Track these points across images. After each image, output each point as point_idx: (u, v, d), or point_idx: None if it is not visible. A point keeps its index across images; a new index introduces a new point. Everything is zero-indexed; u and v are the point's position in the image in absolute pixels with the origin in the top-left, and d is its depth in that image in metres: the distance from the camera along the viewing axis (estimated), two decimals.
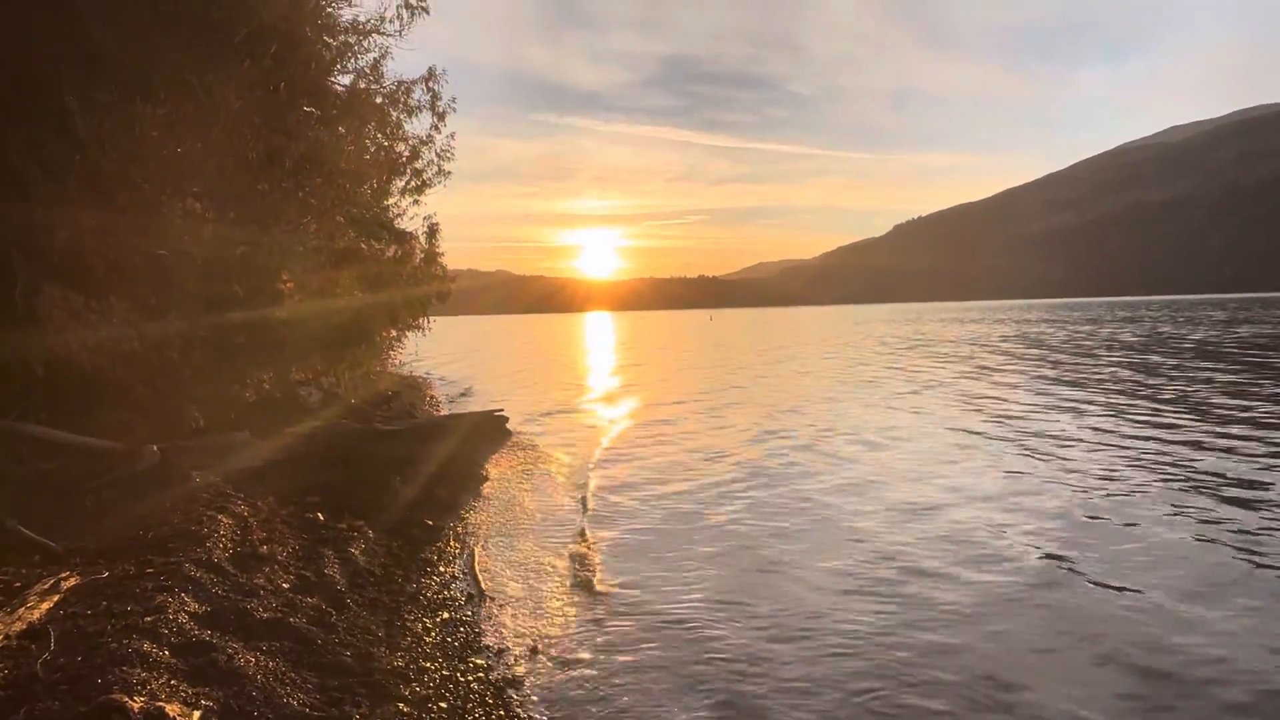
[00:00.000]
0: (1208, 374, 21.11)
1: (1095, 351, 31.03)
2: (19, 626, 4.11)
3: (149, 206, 9.64)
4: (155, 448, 7.98)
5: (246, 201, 11.01)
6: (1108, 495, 8.92)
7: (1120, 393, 17.88)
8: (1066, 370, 23.97)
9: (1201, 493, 8.86)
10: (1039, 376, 22.53)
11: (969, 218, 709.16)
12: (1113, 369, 23.67)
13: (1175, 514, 8.08)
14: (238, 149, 10.70)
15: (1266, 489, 8.98)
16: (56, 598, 4.54)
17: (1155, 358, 27.06)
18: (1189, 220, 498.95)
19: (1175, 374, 21.41)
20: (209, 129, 10.18)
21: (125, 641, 3.96)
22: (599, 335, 77.82)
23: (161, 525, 6.19)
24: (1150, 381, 20.03)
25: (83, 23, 9.18)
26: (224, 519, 6.50)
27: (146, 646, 3.94)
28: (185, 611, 4.49)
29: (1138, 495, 8.86)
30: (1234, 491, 8.93)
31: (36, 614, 4.28)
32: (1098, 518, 8.02)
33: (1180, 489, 9.09)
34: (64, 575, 4.87)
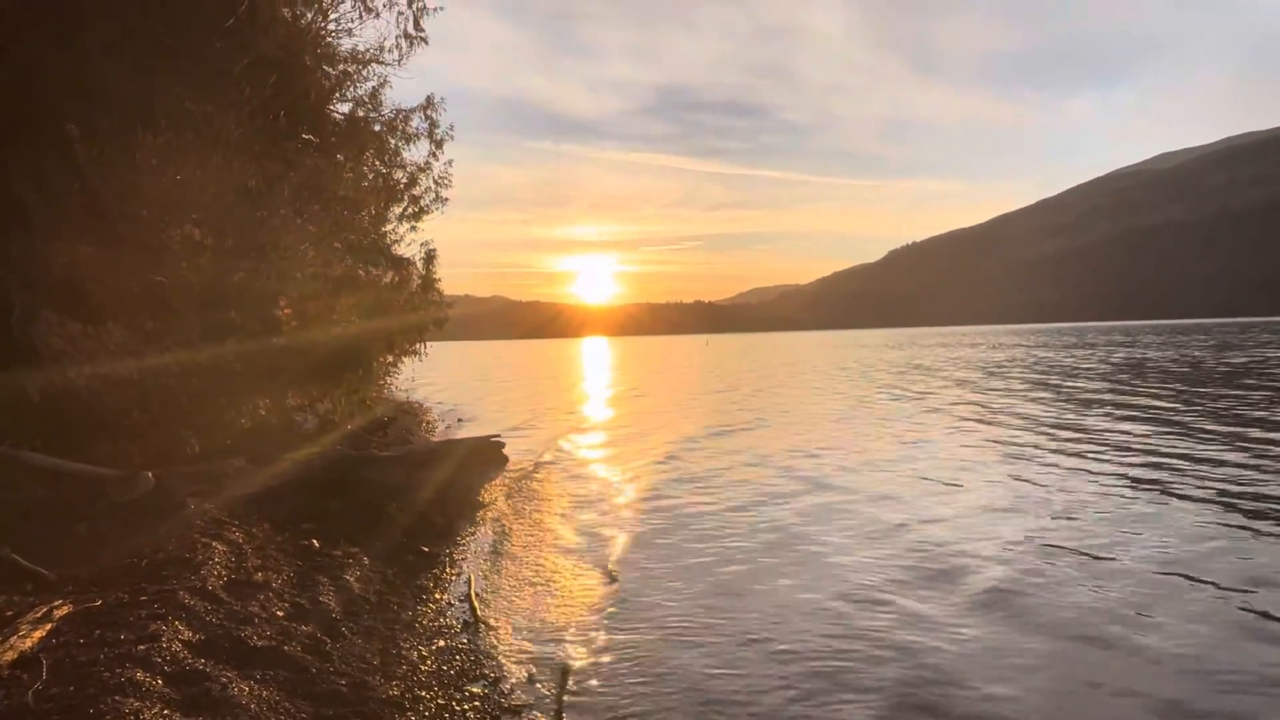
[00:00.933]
0: (1145, 400, 21.37)
1: (1042, 377, 31.52)
2: (10, 656, 4.07)
3: (148, 233, 9.69)
4: (150, 474, 7.94)
5: (245, 228, 11.08)
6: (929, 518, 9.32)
7: (1031, 421, 17.87)
8: (998, 396, 24.30)
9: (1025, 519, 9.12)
10: (963, 403, 22.80)
11: (963, 243, 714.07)
12: (1049, 394, 23.96)
13: (962, 538, 8.37)
14: (237, 176, 10.79)
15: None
16: (49, 626, 4.51)
17: (1096, 384, 27.35)
18: (1180, 246, 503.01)
19: (1103, 400, 21.66)
20: (208, 157, 10.28)
21: (118, 670, 3.93)
22: (596, 361, 77.84)
23: (156, 552, 6.15)
24: (1067, 409, 20.18)
25: (86, 53, 9.29)
26: (219, 546, 6.47)
27: (139, 675, 3.91)
28: (179, 640, 4.46)
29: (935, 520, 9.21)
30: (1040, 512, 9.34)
31: (29, 643, 4.25)
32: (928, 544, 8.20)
33: (990, 515, 9.38)
34: (57, 603, 4.83)
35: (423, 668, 5.16)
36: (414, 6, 14.63)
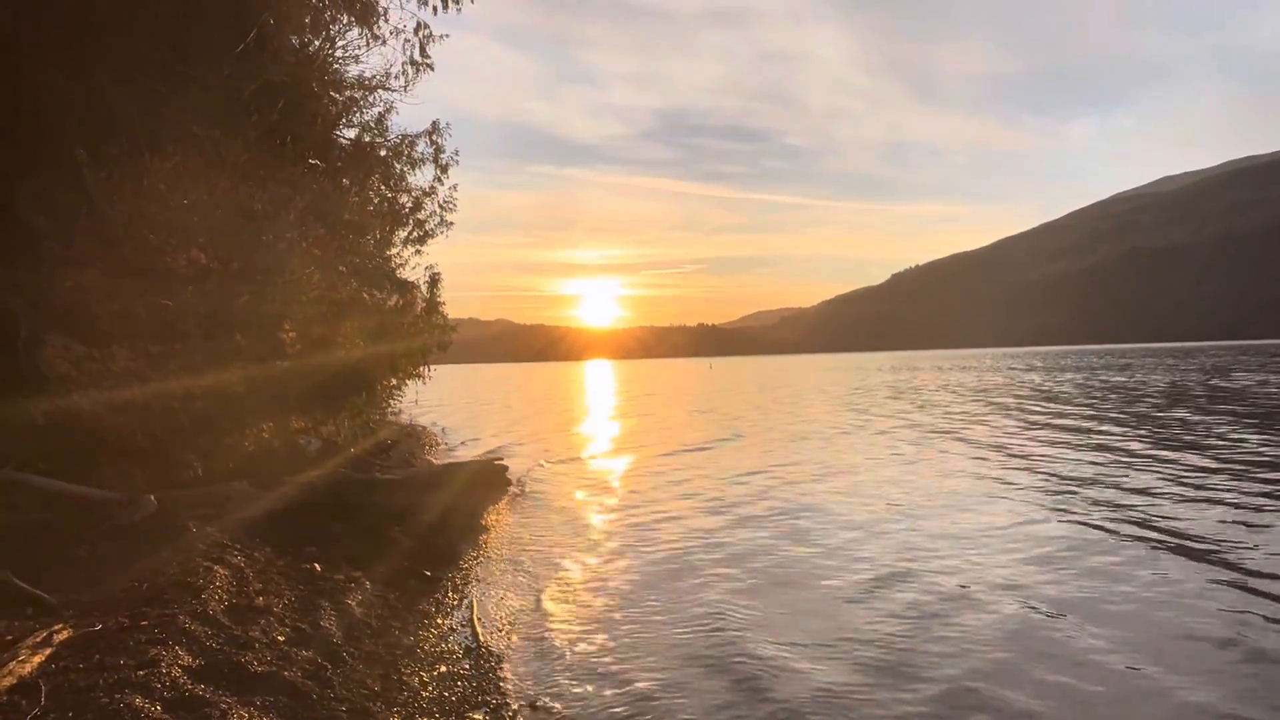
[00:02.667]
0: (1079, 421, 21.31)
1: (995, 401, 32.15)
2: (9, 681, 4.04)
3: (154, 258, 9.75)
4: (153, 497, 7.93)
5: (250, 252, 11.14)
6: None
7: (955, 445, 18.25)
8: (944, 420, 24.61)
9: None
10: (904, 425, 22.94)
11: (966, 266, 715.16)
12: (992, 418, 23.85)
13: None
14: (243, 201, 10.87)
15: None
16: (48, 651, 4.48)
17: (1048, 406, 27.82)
18: (1184, 269, 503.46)
19: (1041, 423, 22.16)
20: (215, 181, 10.36)
21: (117, 696, 3.90)
22: (601, 385, 77.78)
23: (157, 576, 6.13)
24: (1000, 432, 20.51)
25: (96, 79, 9.41)
26: (220, 570, 6.44)
27: (138, 701, 3.87)
28: (179, 665, 4.43)
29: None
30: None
31: (27, 668, 4.22)
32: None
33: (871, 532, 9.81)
34: (57, 628, 4.80)
35: (424, 694, 5.12)
36: (420, 34, 14.81)
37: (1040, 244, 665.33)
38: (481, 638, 6.34)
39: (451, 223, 18.88)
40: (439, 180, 17.92)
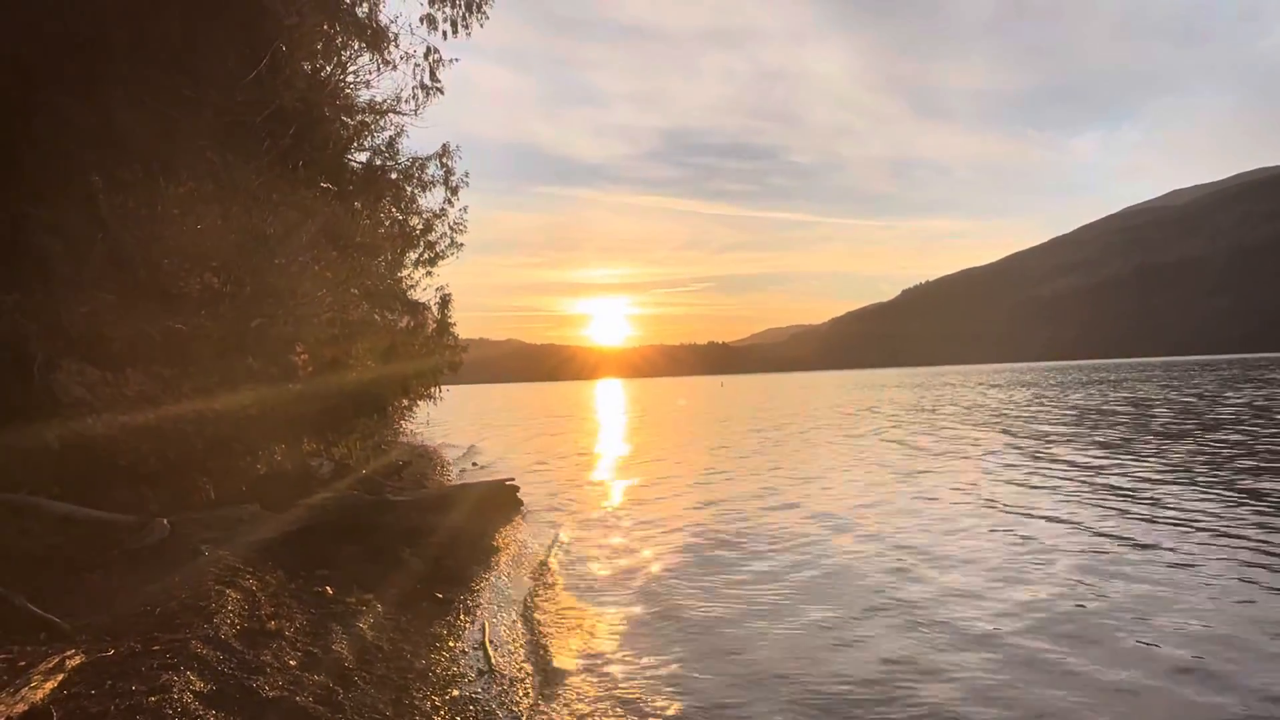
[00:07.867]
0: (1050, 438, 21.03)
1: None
2: (21, 707, 4.02)
3: (168, 282, 9.83)
4: (165, 521, 7.93)
5: (263, 276, 11.22)
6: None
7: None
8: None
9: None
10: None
11: (976, 282, 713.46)
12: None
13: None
14: (256, 225, 10.96)
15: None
16: (61, 677, 4.46)
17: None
18: (1197, 282, 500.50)
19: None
20: (228, 206, 10.46)
21: None
22: (609, 404, 77.70)
23: (169, 600, 6.11)
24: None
25: (110, 106, 9.53)
26: (232, 593, 6.41)
27: None
28: (190, 691, 4.40)
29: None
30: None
31: (40, 694, 4.20)
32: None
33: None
34: (69, 653, 4.79)
35: (436, 718, 5.07)
36: (430, 59, 14.98)
37: (1051, 259, 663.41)
38: (494, 661, 6.29)
39: (462, 244, 19.00)
40: (449, 202, 18.07)
